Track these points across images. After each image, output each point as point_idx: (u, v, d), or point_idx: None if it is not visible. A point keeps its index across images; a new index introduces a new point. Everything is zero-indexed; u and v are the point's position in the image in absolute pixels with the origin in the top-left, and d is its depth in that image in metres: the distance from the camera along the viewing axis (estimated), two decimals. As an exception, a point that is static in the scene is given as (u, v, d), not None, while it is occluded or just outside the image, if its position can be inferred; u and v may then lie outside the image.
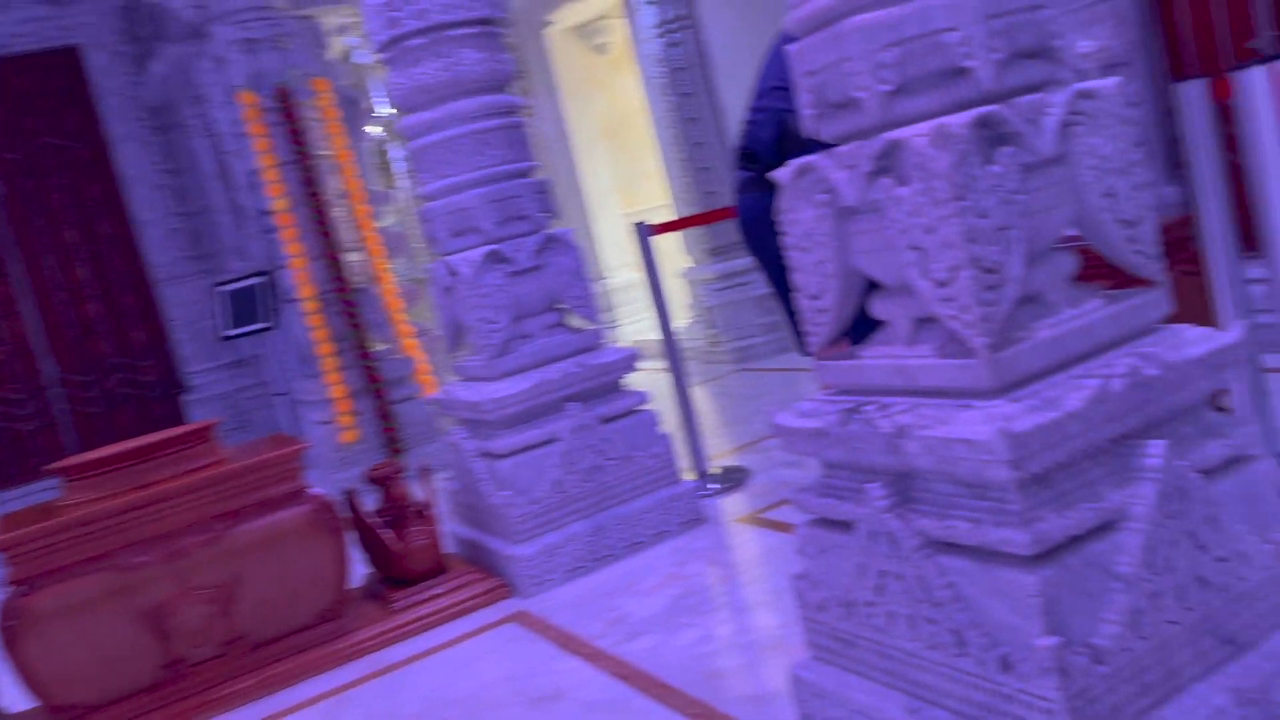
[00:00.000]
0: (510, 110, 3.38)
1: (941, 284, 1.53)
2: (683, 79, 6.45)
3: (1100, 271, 2.00)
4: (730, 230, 6.51)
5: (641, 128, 8.00)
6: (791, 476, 3.76)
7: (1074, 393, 1.50)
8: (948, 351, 1.61)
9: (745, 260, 6.46)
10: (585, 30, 8.26)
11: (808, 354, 2.62)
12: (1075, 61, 3.91)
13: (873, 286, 1.79)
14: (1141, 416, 1.56)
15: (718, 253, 6.55)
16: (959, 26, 1.52)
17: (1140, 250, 1.66)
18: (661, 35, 6.46)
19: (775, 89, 2.53)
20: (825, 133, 1.73)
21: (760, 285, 6.43)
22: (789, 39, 2.52)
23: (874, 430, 1.62)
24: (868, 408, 1.67)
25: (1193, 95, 2.35)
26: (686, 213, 6.53)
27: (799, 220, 1.76)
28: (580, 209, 8.29)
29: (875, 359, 1.72)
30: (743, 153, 2.52)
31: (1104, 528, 1.53)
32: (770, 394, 5.46)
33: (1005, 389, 1.54)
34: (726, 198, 6.43)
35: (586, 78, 8.38)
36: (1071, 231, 1.70)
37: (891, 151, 1.57)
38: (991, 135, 1.54)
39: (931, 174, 1.50)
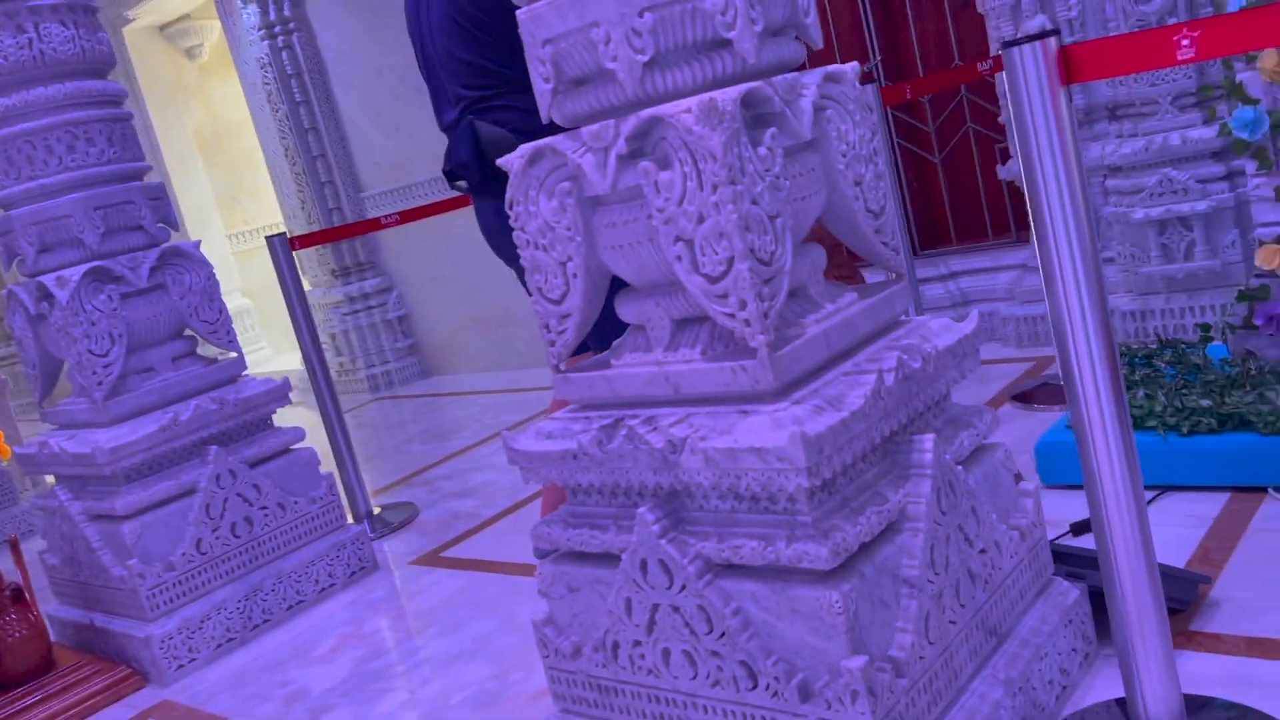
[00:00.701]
0: (113, 100, 2.81)
1: (714, 279, 1.38)
2: (295, 86, 5.93)
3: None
4: (358, 250, 6.09)
5: (246, 139, 7.30)
6: (464, 507, 3.49)
7: (853, 390, 1.41)
8: (717, 354, 1.45)
9: (375, 281, 6.07)
10: (171, 31, 7.39)
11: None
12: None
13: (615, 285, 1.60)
14: (908, 411, 1.51)
15: (343, 274, 6.09)
16: (717, -7, 1.38)
17: (886, 241, 1.61)
18: (266, 38, 5.90)
19: (462, 80, 2.30)
20: (564, 111, 1.52)
21: (395, 308, 6.06)
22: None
23: (643, 447, 1.43)
24: (631, 422, 1.47)
25: (869, 99, 2.41)
26: (302, 230, 6.01)
27: (536, 213, 1.53)
28: (178, 229, 7.38)
29: (631, 367, 1.53)
30: (449, 176, 2.31)
31: (888, 531, 1.45)
32: (415, 422, 5.13)
33: (785, 390, 1.41)
34: (350, 214, 6.00)
35: (176, 84, 7.50)
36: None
37: (650, 130, 1.39)
38: (753, 115, 1.41)
39: (701, 155, 1.33)
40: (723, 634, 1.42)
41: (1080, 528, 2.18)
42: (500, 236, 2.35)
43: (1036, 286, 3.63)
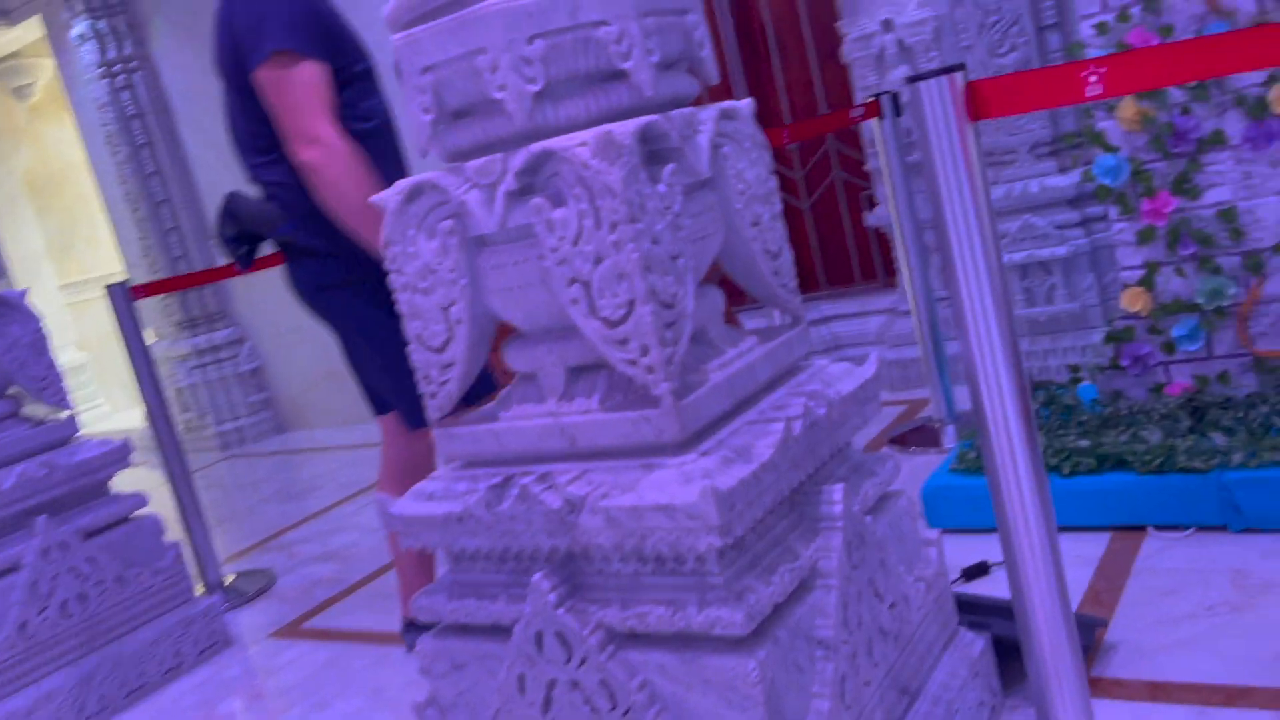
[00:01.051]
0: (-74, 134, 2.54)
1: (613, 323, 1.28)
2: (137, 127, 5.60)
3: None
4: (207, 299, 5.76)
5: (83, 184, 6.86)
6: (325, 572, 3.26)
7: (761, 439, 1.33)
8: (616, 403, 1.35)
9: (226, 332, 5.74)
10: (-2, 69, 6.91)
11: (416, 425, 2.22)
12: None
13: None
14: (814, 460, 1.44)
15: (191, 325, 5.74)
16: (612, 21, 1.30)
17: (784, 284, 1.55)
18: (105, 77, 5.56)
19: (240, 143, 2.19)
20: (445, 145, 1.40)
21: (248, 360, 5.74)
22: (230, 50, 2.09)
23: (537, 507, 1.31)
24: (523, 480, 1.35)
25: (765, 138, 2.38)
26: (146, 280, 5.64)
27: (415, 254, 1.40)
28: (3, 280, 6.84)
29: (521, 420, 1.42)
30: (226, 244, 2.22)
31: (799, 589, 1.37)
32: (270, 481, 4.83)
33: (690, 441, 1.32)
34: (198, 261, 5.68)
35: (4, 125, 7.00)
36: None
37: (542, 165, 1.29)
38: (649, 151, 1.33)
39: (599, 191, 1.24)
40: (627, 710, 1.30)
41: (972, 572, 2.16)
42: (306, 296, 2.25)
43: (907, 331, 3.68)
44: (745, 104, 1.51)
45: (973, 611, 1.76)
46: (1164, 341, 2.48)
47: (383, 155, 2.16)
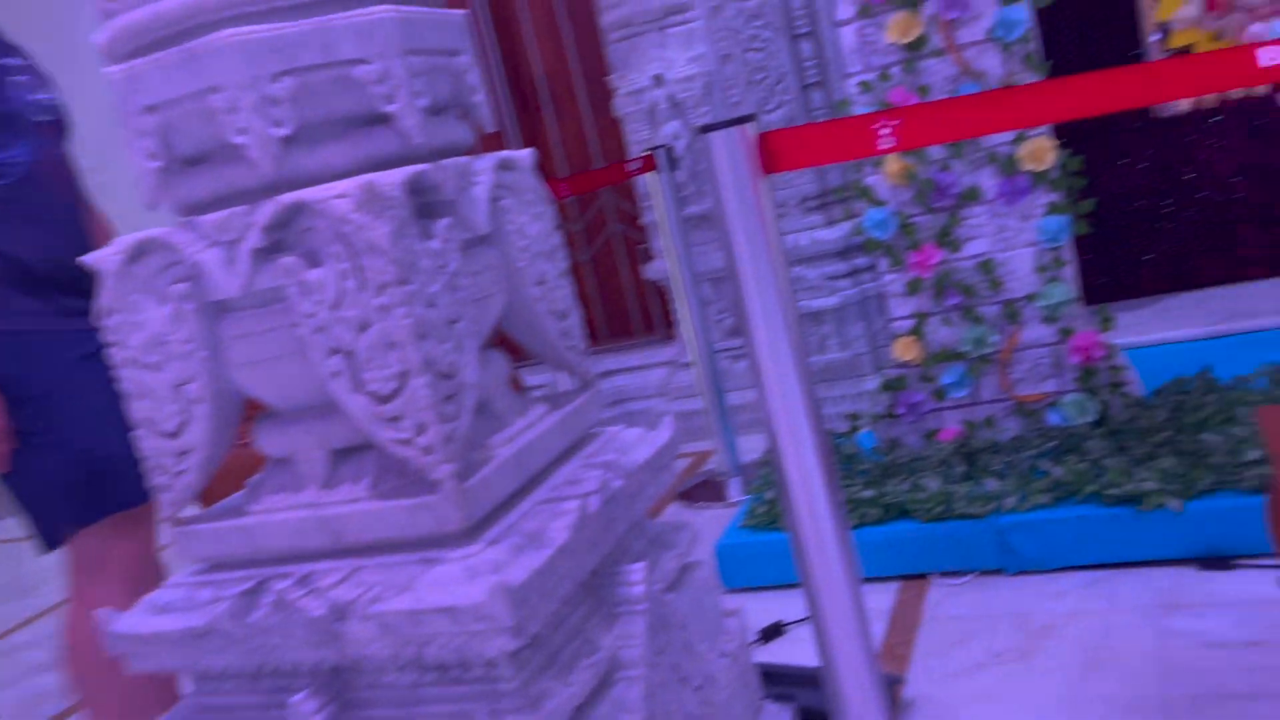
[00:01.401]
0: None
1: (383, 398, 1.12)
2: None
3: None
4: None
5: None
6: (54, 683, 2.84)
7: (555, 521, 1.20)
8: (388, 489, 1.19)
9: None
10: None
11: (51, 549, 1.87)
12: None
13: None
14: (611, 537, 1.32)
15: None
16: (372, 59, 1.15)
17: (573, 346, 1.44)
18: None
19: None
20: (177, 198, 1.21)
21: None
22: None
23: (297, 616, 1.12)
24: (279, 584, 1.16)
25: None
26: None
27: (142, 323, 1.19)
28: None
29: (275, 512, 1.22)
30: None
31: (601, 684, 1.24)
32: (-11, 575, 4.23)
33: (476, 528, 1.17)
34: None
35: None
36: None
37: (293, 219, 1.13)
38: (419, 204, 1.19)
39: (362, 249, 1.09)
40: (411, 843, 1.13)
41: (769, 633, 2.10)
42: None
43: (688, 383, 3.67)
44: (525, 154, 1.39)
45: (777, 682, 1.69)
46: (935, 389, 2.55)
47: (24, 220, 1.75)
